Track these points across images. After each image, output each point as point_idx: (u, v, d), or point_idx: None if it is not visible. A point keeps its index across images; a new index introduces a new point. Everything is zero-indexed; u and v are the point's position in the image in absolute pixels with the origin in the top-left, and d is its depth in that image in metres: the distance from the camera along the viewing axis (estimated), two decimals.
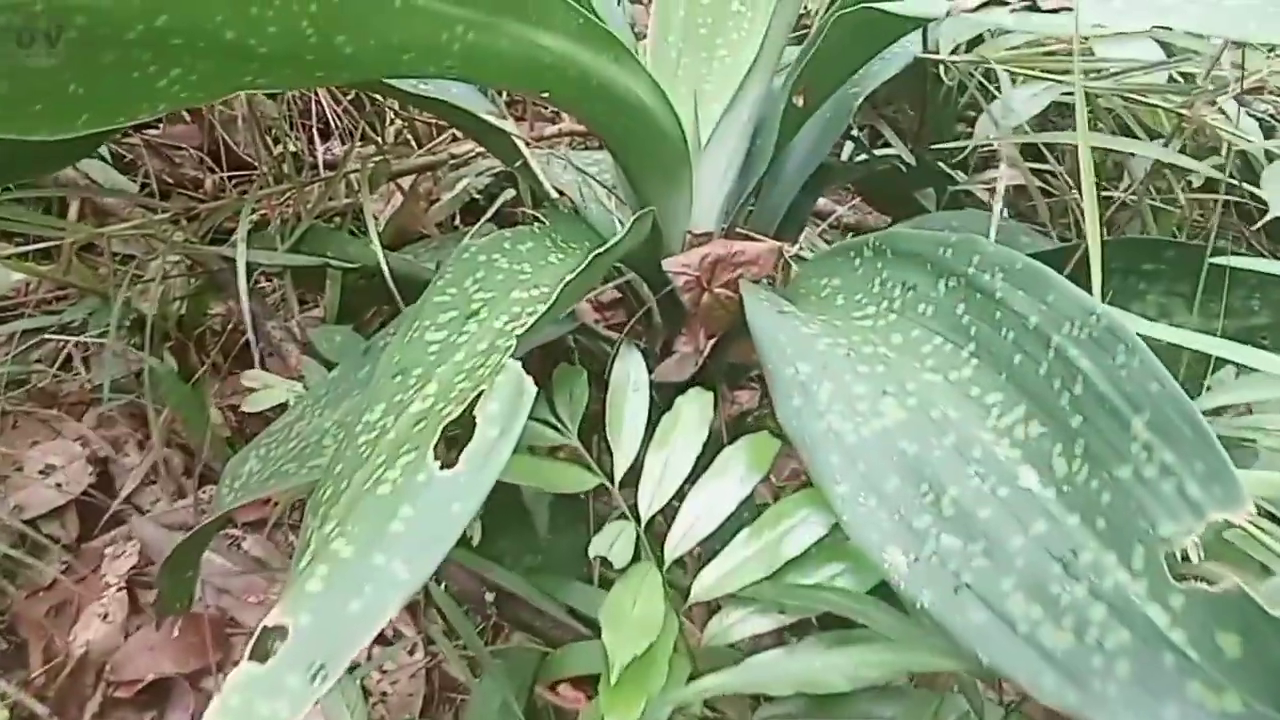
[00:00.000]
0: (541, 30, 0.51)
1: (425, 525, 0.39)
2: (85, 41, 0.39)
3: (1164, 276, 0.72)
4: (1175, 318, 0.72)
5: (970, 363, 0.52)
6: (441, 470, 0.41)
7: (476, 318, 0.52)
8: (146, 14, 0.39)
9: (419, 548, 0.39)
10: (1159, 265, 0.72)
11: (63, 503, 0.80)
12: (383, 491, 0.42)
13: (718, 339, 0.73)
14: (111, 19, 0.38)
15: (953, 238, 0.55)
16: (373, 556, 0.38)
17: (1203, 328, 0.73)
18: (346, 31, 0.44)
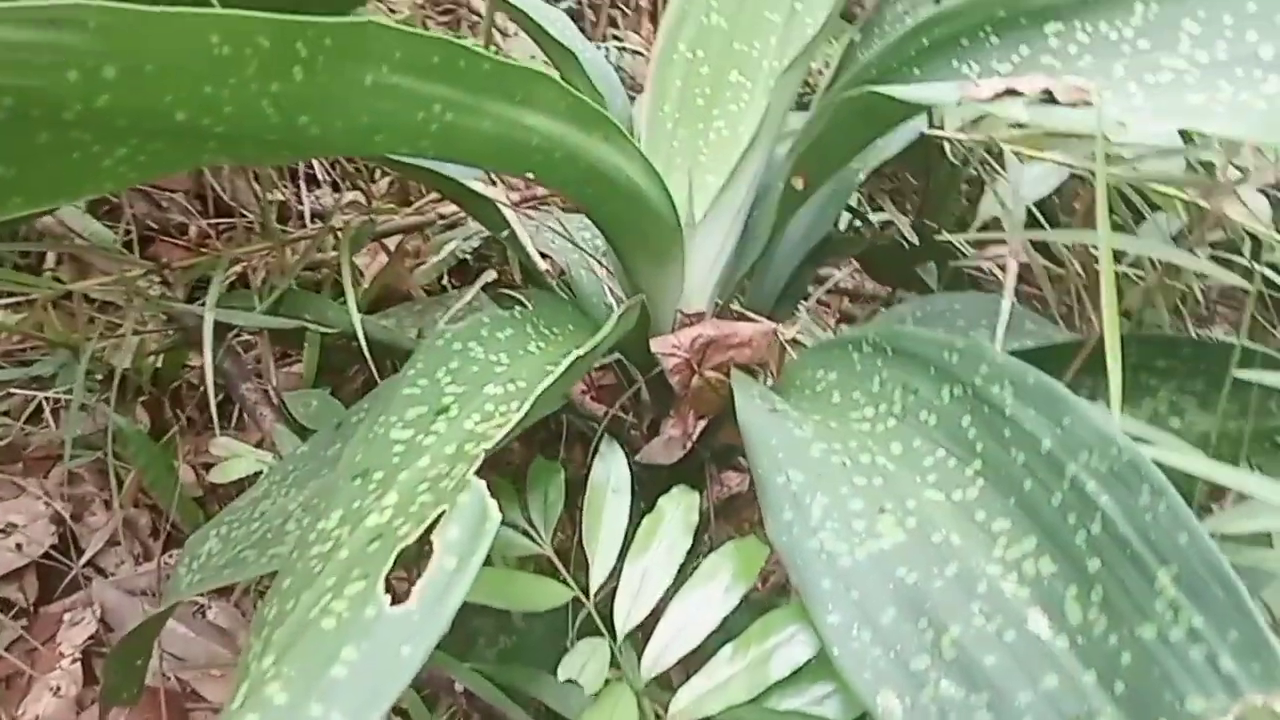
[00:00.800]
0: (527, 110, 0.46)
1: (370, 671, 0.34)
2: (15, 123, 0.34)
3: (1177, 373, 0.67)
4: (1188, 415, 0.68)
5: (976, 482, 0.47)
6: (392, 605, 0.36)
7: (446, 415, 0.46)
8: (85, 95, 0.34)
9: (361, 697, 0.33)
10: (1173, 361, 0.68)
11: (22, 564, 0.74)
12: (327, 625, 0.36)
13: (708, 421, 0.68)
14: (44, 100, 0.33)
15: (959, 342, 0.50)
16: (309, 706, 0.33)
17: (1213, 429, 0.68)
18: (311, 112, 0.40)
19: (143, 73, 0.34)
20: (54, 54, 0.32)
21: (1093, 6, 0.54)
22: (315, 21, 0.36)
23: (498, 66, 0.43)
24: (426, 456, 0.44)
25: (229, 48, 0.35)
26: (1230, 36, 0.50)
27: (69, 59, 0.32)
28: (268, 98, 0.38)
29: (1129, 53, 0.53)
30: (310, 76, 0.38)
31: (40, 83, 0.32)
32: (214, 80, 0.36)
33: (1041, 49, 0.55)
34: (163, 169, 0.40)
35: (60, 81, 0.33)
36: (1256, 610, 0.35)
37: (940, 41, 0.58)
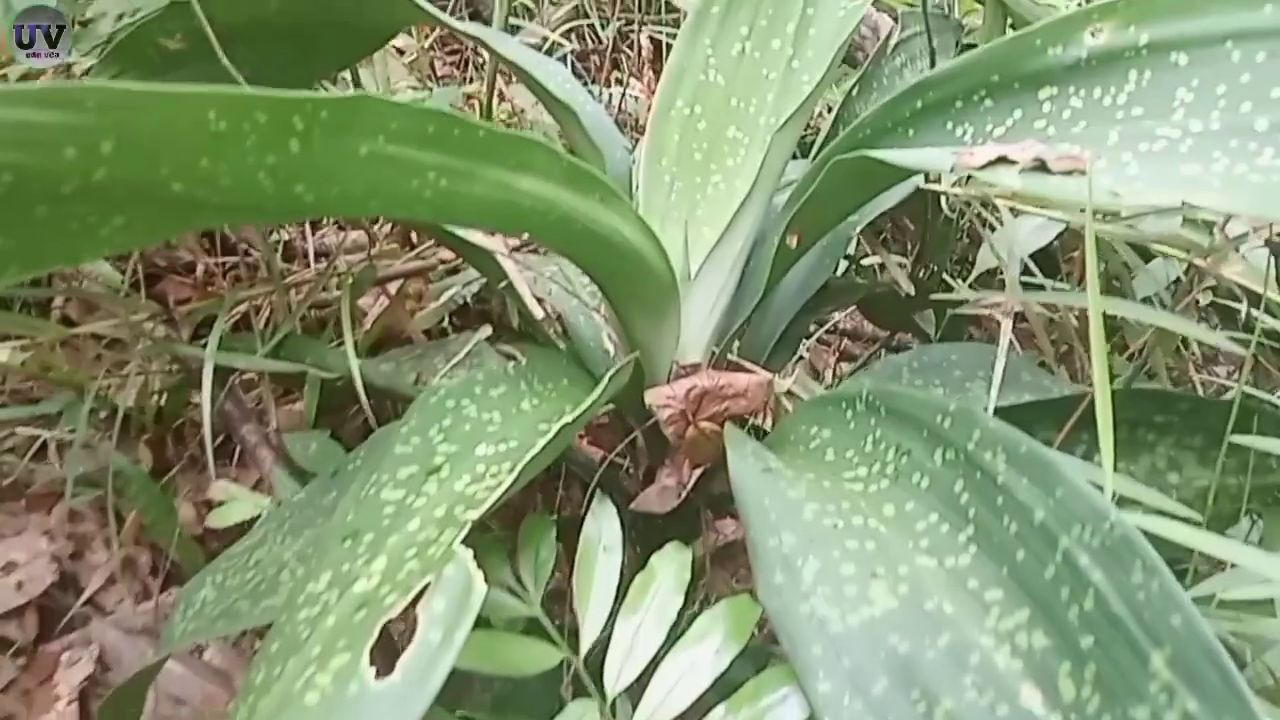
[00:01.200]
0: (521, 175, 0.45)
1: None
2: (13, 197, 0.33)
3: (1175, 429, 0.67)
4: (1186, 470, 0.67)
5: (969, 549, 0.46)
6: (376, 679, 0.35)
7: (437, 475, 0.46)
8: (82, 170, 0.33)
9: None
10: (1170, 417, 0.67)
11: (22, 602, 0.74)
12: (310, 700, 0.35)
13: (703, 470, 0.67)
14: (42, 176, 0.33)
15: (951, 405, 0.49)
16: None
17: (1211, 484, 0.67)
18: (306, 182, 0.39)
19: (140, 148, 0.34)
20: (53, 133, 0.32)
21: (1086, 72, 0.54)
22: (311, 97, 0.36)
23: (492, 135, 0.43)
24: (416, 519, 0.43)
25: (226, 123, 0.35)
26: (1224, 106, 0.49)
27: (68, 137, 0.32)
28: (264, 170, 0.37)
29: (1123, 119, 0.52)
30: (306, 149, 0.38)
31: (39, 160, 0.32)
32: (211, 154, 0.36)
33: (1035, 114, 0.55)
34: (159, 235, 0.40)
35: (58, 158, 0.32)
36: (1250, 696, 0.34)
37: (935, 103, 0.57)
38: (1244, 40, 0.50)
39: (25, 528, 0.77)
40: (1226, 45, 0.50)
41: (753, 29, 0.68)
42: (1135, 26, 0.53)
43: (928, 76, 0.57)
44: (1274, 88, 0.48)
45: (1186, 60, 0.51)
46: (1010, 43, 0.56)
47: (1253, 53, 0.49)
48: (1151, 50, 0.52)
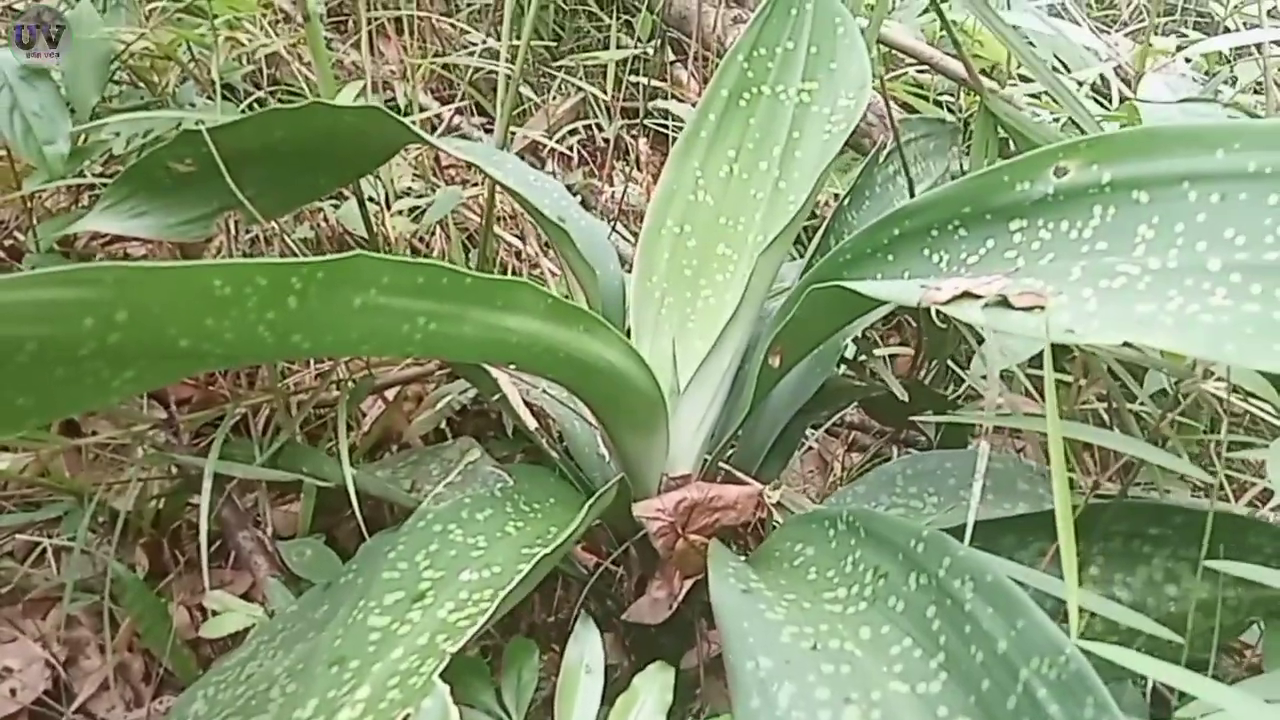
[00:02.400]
0: (508, 314, 0.50)
1: None
2: (35, 362, 0.38)
3: (1171, 541, 0.70)
4: (1184, 582, 0.70)
5: (939, 676, 0.49)
6: None
7: (422, 602, 0.50)
8: (99, 335, 0.38)
9: None
10: (1166, 530, 0.70)
11: (15, 710, 0.77)
12: None
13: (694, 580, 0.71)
14: (63, 343, 0.38)
15: (925, 532, 0.54)
16: None
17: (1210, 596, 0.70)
18: (303, 332, 0.44)
19: (150, 314, 0.39)
20: (75, 307, 0.37)
21: (1053, 206, 0.59)
22: (309, 261, 0.41)
23: (478, 280, 0.48)
24: (400, 647, 0.47)
25: (230, 288, 0.40)
26: (1181, 244, 0.54)
27: (87, 310, 0.37)
28: (264, 324, 0.42)
29: (1087, 252, 0.57)
30: (304, 304, 0.43)
31: (61, 330, 0.37)
32: (215, 314, 0.41)
33: (1006, 244, 0.60)
34: (165, 381, 0.45)
35: (78, 327, 0.38)
36: None
37: (911, 232, 0.62)
38: (1200, 181, 0.54)
39: (21, 633, 0.81)
40: (1184, 185, 0.55)
41: (740, 151, 0.74)
42: (1098, 165, 0.58)
43: (906, 206, 0.63)
44: (1227, 228, 0.52)
45: (1147, 198, 0.56)
46: (981, 177, 0.61)
47: (1208, 194, 0.54)
48: (1114, 188, 0.57)
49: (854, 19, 0.74)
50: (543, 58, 1.31)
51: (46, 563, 0.84)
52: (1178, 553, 0.70)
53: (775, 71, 0.75)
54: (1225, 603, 0.71)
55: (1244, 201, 0.52)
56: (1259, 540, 0.72)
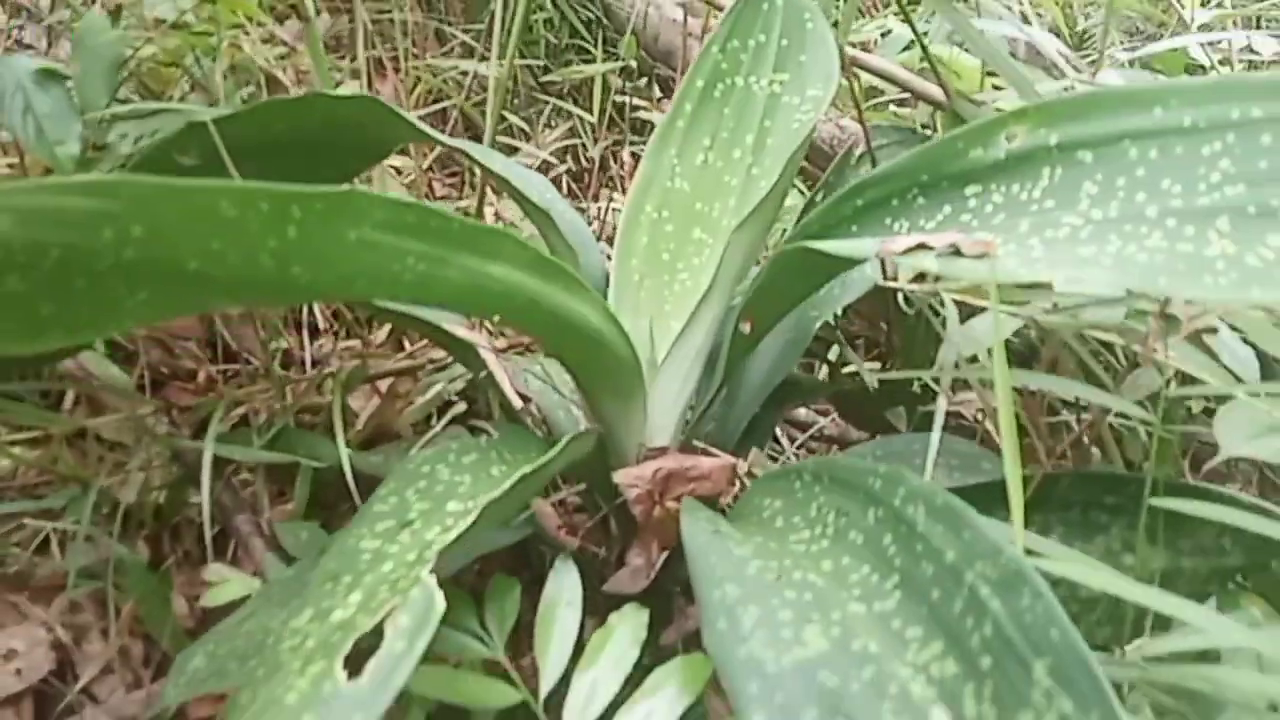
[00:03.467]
0: (492, 262, 0.55)
1: None
2: (58, 271, 0.43)
3: (1127, 510, 0.74)
4: (1140, 552, 0.74)
5: (894, 595, 0.53)
6: (348, 681, 0.43)
7: (410, 527, 0.54)
8: (115, 248, 0.43)
9: None
10: (1122, 499, 0.74)
11: (20, 689, 0.81)
12: (290, 700, 0.43)
13: (671, 552, 0.75)
14: (83, 252, 0.43)
15: (882, 469, 0.58)
16: None
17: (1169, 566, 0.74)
18: (303, 263, 0.49)
19: (163, 231, 0.44)
20: (94, 217, 0.42)
21: (1006, 171, 0.64)
22: (307, 189, 0.46)
23: (464, 225, 0.53)
24: (390, 562, 0.51)
25: (236, 211, 0.45)
26: (1122, 196, 0.59)
27: (106, 221, 0.42)
28: (266, 251, 0.47)
29: (1036, 210, 0.62)
30: (302, 234, 0.48)
31: (82, 239, 0.42)
32: (221, 237, 0.46)
33: (962, 208, 0.65)
34: (175, 310, 0.50)
35: (97, 238, 0.42)
36: (1111, 693, 0.42)
37: (873, 202, 0.68)
38: (1139, 139, 0.60)
39: (26, 618, 0.85)
40: (1125, 143, 0.60)
41: (714, 140, 0.80)
42: (1045, 129, 0.63)
43: (866, 178, 0.68)
44: (1164, 179, 0.58)
45: (1091, 157, 0.61)
46: (937, 146, 0.66)
47: (1147, 149, 0.59)
48: (1061, 149, 0.62)
49: (822, 15, 0.80)
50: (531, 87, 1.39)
51: (50, 553, 0.88)
52: (1133, 522, 0.74)
53: (748, 64, 0.81)
54: (1182, 572, 0.75)
55: (1180, 154, 0.57)
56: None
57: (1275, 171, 0.54)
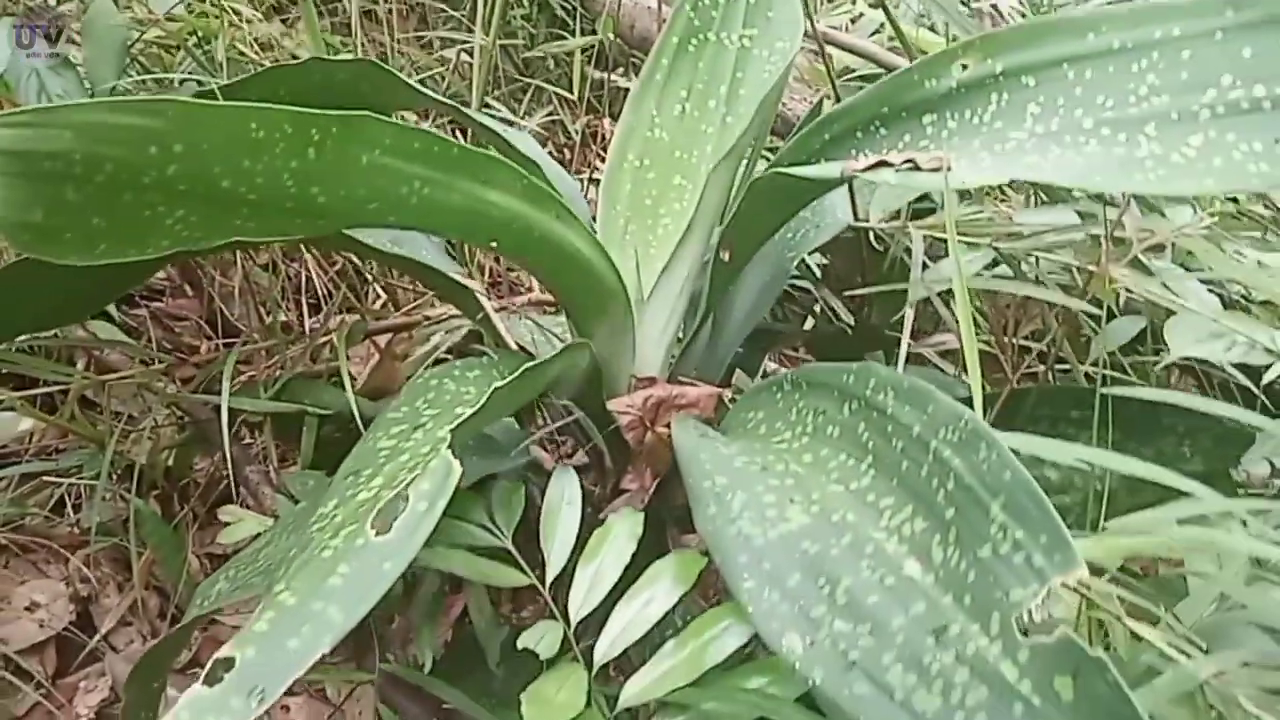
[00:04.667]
0: (489, 188, 0.62)
1: (359, 580, 0.47)
2: (109, 184, 0.49)
3: (1091, 424, 0.81)
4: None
5: (868, 474, 0.60)
6: (376, 537, 0.50)
7: (423, 428, 0.61)
8: (160, 164, 0.50)
9: (353, 597, 0.47)
10: (1086, 413, 0.81)
11: (43, 638, 0.87)
12: (325, 555, 0.50)
13: (662, 478, 0.82)
14: (132, 167, 0.49)
15: (854, 366, 0.65)
16: (312, 604, 0.46)
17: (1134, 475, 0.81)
18: (320, 184, 0.56)
19: (201, 149, 0.51)
20: (144, 134, 0.48)
21: (958, 99, 0.71)
22: (326, 113, 0.53)
23: (464, 151, 0.60)
24: (406, 454, 0.58)
25: (263, 132, 0.52)
26: (1062, 113, 0.66)
27: (152, 138, 0.49)
28: (288, 172, 0.54)
29: (986, 131, 0.69)
30: (320, 156, 0.54)
31: (131, 154, 0.49)
32: (250, 156, 0.52)
33: (920, 135, 0.72)
34: (207, 234, 0.56)
35: (144, 154, 0.49)
36: (1056, 516, 0.48)
37: (838, 135, 0.75)
38: (1076, 62, 0.67)
39: (46, 573, 0.91)
40: (1064, 67, 0.67)
41: (690, 91, 0.87)
42: (991, 59, 0.70)
43: (830, 112, 0.75)
44: (1099, 95, 0.65)
45: (1034, 81, 0.68)
46: (895, 79, 0.73)
47: (1083, 70, 0.66)
48: (1006, 76, 0.69)
49: None
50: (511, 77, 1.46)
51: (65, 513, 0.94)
52: (1100, 435, 0.81)
53: (719, 20, 0.88)
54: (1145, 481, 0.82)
55: (1112, 73, 0.65)
56: (1172, 420, 0.83)
57: (1195, 81, 0.61)
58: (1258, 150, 0.57)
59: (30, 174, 0.46)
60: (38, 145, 0.46)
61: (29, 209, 0.47)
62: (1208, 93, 0.59)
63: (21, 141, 0.45)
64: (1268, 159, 0.56)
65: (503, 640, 0.82)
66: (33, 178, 0.47)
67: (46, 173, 0.47)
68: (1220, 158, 0.57)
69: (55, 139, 0.46)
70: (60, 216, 0.49)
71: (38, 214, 0.48)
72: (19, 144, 0.45)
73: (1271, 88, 0.57)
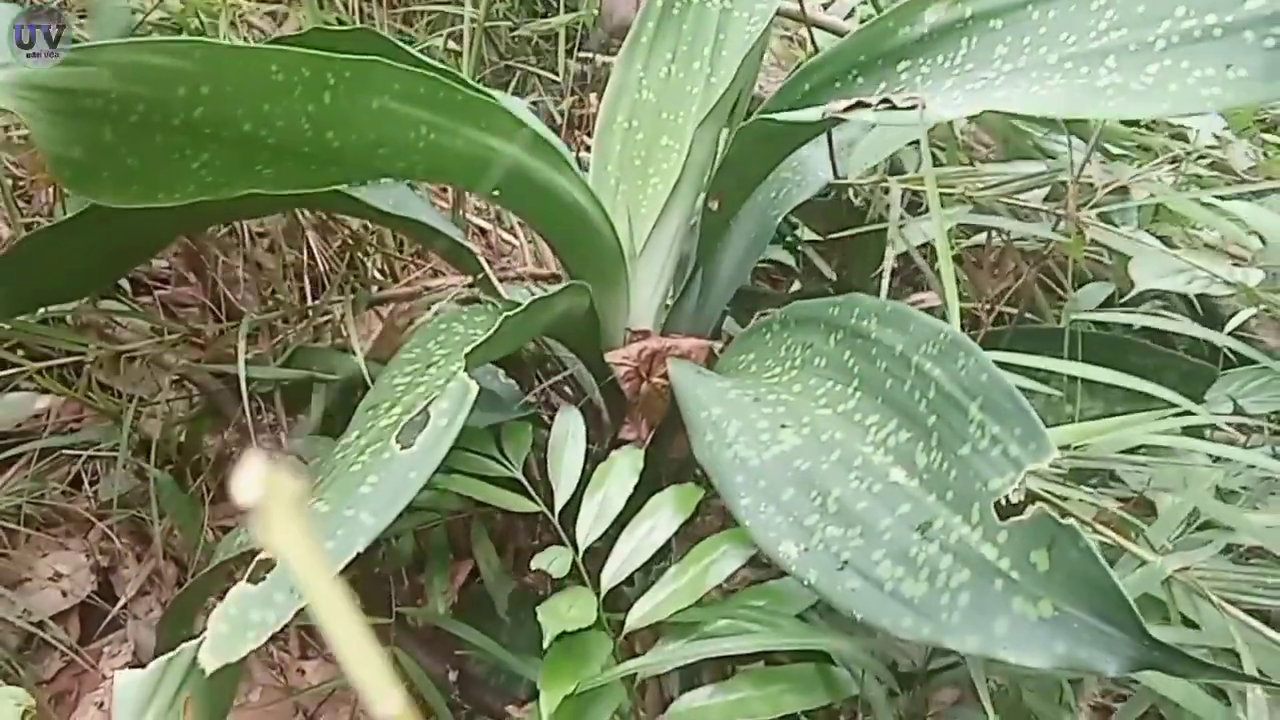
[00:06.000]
0: (491, 135, 0.66)
1: (387, 487, 0.51)
2: (142, 124, 0.53)
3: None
4: (1080, 402, 0.84)
5: (854, 395, 0.64)
6: (401, 450, 0.54)
7: (435, 365, 0.64)
8: (188, 105, 0.53)
9: (382, 503, 0.50)
10: (1058, 353, 0.85)
11: (67, 607, 0.90)
12: (355, 469, 0.53)
13: (658, 429, 0.85)
14: (163, 108, 0.53)
15: (840, 298, 0.69)
16: (344, 510, 0.50)
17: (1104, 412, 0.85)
18: (335, 128, 0.59)
19: (224, 92, 0.54)
20: (173, 75, 0.52)
21: (931, 45, 0.75)
22: (339, 57, 0.57)
23: (468, 97, 0.64)
24: (423, 386, 0.61)
25: (283, 75, 0.56)
26: (1028, 51, 0.70)
27: (182, 78, 0.53)
28: (305, 116, 0.58)
29: (958, 73, 0.73)
30: (335, 100, 0.58)
31: (163, 94, 0.53)
32: (270, 99, 0.56)
33: (896, 81, 0.76)
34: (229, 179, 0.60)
35: (174, 94, 0.53)
36: (1030, 410, 0.52)
37: (819, 84, 0.79)
38: (1039, 3, 0.70)
39: (66, 546, 0.94)
40: (1029, 8, 0.71)
41: (676, 54, 0.91)
42: (961, 3, 0.74)
43: (810, 62, 0.79)
44: (1062, 33, 0.68)
45: (1001, 24, 0.72)
46: (871, 28, 0.77)
47: (1046, 10, 0.70)
48: (975, 19, 0.73)
49: None
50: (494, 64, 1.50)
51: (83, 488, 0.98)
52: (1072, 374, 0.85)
53: None
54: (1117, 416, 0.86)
55: (1073, 11, 0.68)
56: (1141, 360, 0.87)
57: (1150, 14, 0.65)
58: (1210, 75, 0.60)
59: (71, 111, 0.50)
60: (78, 83, 0.50)
61: (70, 145, 0.51)
62: (1163, 24, 0.63)
63: (63, 79, 0.49)
64: (1219, 83, 0.60)
65: (510, 593, 0.86)
66: (73, 115, 0.50)
67: (85, 110, 0.50)
68: (1175, 84, 0.61)
69: (94, 77, 0.50)
70: (98, 155, 0.53)
71: (78, 151, 0.52)
72: (61, 81, 0.49)
73: (1222, 15, 0.61)
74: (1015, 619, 0.48)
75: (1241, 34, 0.60)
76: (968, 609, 0.49)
